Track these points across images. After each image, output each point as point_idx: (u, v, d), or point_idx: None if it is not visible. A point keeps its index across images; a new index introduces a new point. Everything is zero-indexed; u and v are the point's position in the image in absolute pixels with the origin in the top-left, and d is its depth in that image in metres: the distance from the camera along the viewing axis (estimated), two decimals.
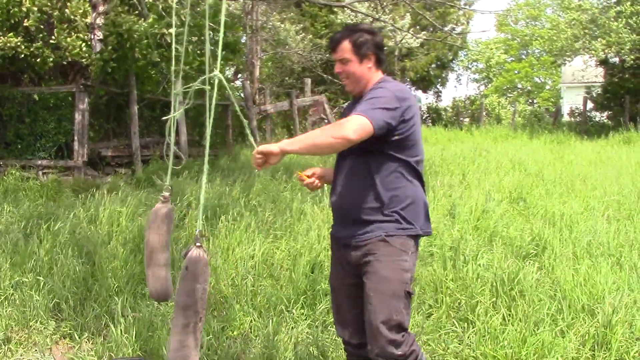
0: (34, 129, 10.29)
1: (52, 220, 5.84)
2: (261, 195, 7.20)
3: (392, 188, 2.63)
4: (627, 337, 3.62)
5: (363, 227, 2.65)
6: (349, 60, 2.68)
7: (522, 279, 4.31)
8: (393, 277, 2.59)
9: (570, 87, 35.01)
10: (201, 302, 2.15)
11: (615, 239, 5.59)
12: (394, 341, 2.59)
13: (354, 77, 2.72)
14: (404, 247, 2.62)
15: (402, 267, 2.61)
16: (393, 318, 2.59)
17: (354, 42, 2.67)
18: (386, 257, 2.60)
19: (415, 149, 2.68)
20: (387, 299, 2.59)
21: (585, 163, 10.98)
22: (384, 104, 2.52)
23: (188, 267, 2.16)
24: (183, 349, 2.13)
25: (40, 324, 4.05)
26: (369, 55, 2.69)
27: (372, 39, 2.69)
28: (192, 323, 2.15)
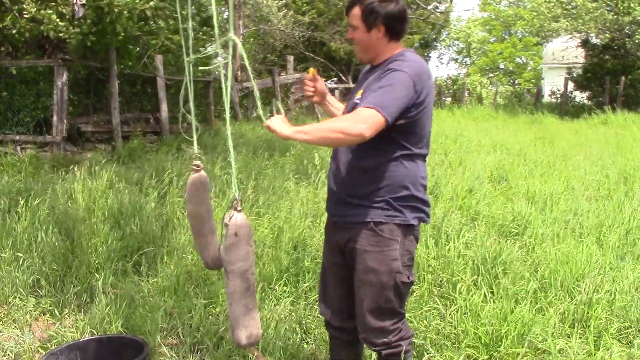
0: (12, 103, 10.09)
1: (31, 196, 5.76)
2: (243, 173, 7.16)
3: (388, 174, 2.50)
4: (607, 315, 3.68)
5: (351, 209, 2.56)
6: (357, 27, 2.53)
7: (504, 258, 4.35)
8: (381, 269, 2.51)
9: (552, 67, 35.21)
10: (254, 265, 2.19)
11: (595, 218, 5.66)
12: (382, 328, 2.57)
13: (360, 45, 2.57)
14: (392, 236, 2.51)
15: (390, 256, 2.51)
16: (382, 306, 2.55)
17: (363, 9, 2.50)
18: (373, 247, 2.51)
19: (423, 132, 2.55)
20: (376, 290, 2.53)
21: (565, 143, 11.08)
22: (400, 93, 2.37)
23: (237, 232, 2.15)
24: (250, 311, 2.16)
25: (19, 301, 4.01)
26: (378, 25, 2.50)
27: (384, 9, 2.48)
28: (252, 285, 2.18)
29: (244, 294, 2.17)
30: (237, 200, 2.19)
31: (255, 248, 4.75)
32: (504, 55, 46.84)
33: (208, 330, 3.58)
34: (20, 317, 3.82)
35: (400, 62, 2.46)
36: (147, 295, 4.02)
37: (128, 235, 4.96)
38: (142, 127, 11.60)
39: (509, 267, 4.27)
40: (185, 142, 9.66)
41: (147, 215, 5.33)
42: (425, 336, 3.47)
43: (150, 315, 3.65)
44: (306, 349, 3.41)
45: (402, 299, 2.60)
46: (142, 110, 12.39)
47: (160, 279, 4.26)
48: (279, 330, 3.53)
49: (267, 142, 9.34)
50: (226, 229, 2.18)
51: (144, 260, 4.60)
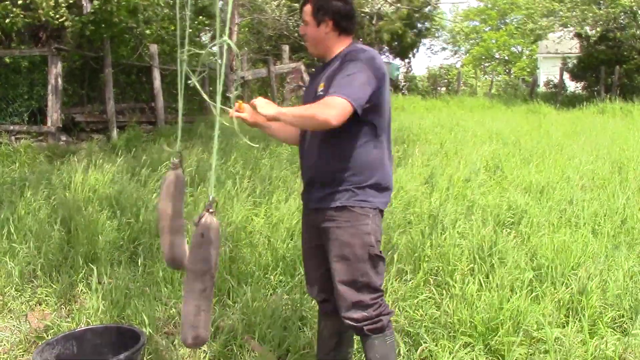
0: (5, 93, 10.03)
1: (26, 186, 5.73)
2: (239, 163, 7.14)
3: (356, 157, 2.61)
4: (601, 304, 3.70)
5: (324, 192, 2.66)
6: (308, 23, 2.69)
7: (499, 247, 4.36)
8: (354, 242, 2.61)
9: (547, 57, 35.16)
10: (215, 267, 2.19)
11: (589, 207, 5.67)
12: (359, 302, 2.64)
13: (310, 40, 2.73)
14: (364, 212, 2.62)
15: (363, 231, 2.61)
16: (359, 280, 2.63)
17: (313, 6, 2.67)
18: (346, 223, 2.62)
19: (382, 118, 2.65)
20: (351, 263, 2.62)
21: (560, 133, 11.08)
22: (365, 80, 2.50)
23: (203, 233, 2.16)
24: (201, 313, 2.17)
25: (15, 291, 4.00)
26: (326, 20, 2.66)
27: (332, 5, 2.65)
28: (208, 288, 2.18)
29: (198, 294, 2.18)
30: (211, 202, 2.20)
31: (253, 237, 4.75)
32: (498, 43, 46.74)
33: None
34: (16, 307, 3.82)
35: (357, 52, 2.60)
36: (143, 285, 4.01)
37: (124, 225, 4.95)
38: (137, 117, 11.56)
39: (504, 256, 4.28)
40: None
41: (143, 206, 5.32)
42: (421, 325, 3.48)
43: (146, 305, 3.65)
44: (302, 338, 3.41)
45: (378, 274, 2.68)
46: (137, 100, 12.34)
47: (156, 269, 4.26)
48: (275, 319, 3.54)
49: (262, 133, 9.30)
50: (195, 229, 2.20)
51: (140, 250, 4.60)
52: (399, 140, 9.72)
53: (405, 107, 18.36)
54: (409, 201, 5.77)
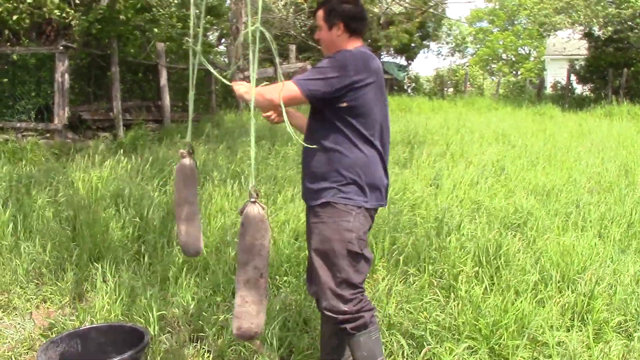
0: (13, 90, 10.06)
1: (32, 184, 5.75)
2: (245, 162, 7.14)
3: (339, 156, 2.70)
4: (607, 308, 3.68)
5: (312, 190, 2.77)
6: (321, 27, 2.81)
7: (505, 250, 4.34)
8: (334, 237, 2.69)
9: (554, 59, 35.02)
10: (259, 258, 2.17)
11: (596, 211, 5.65)
12: (341, 296, 2.70)
13: (324, 43, 2.85)
14: (347, 209, 2.70)
15: (344, 227, 2.69)
16: (337, 275, 2.70)
17: (325, 10, 2.79)
18: (329, 219, 2.71)
19: (371, 117, 2.71)
20: (329, 258, 2.70)
21: (567, 135, 11.05)
22: (321, 73, 2.62)
23: (244, 223, 2.17)
24: (245, 304, 2.17)
25: (20, 288, 4.01)
26: (337, 23, 2.77)
27: (342, 8, 2.77)
28: (253, 279, 2.17)
29: (243, 285, 2.18)
30: (252, 192, 2.20)
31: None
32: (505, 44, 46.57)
33: (208, 319, 3.59)
34: (20, 305, 3.83)
35: (343, 52, 2.72)
36: (148, 283, 4.02)
37: (129, 223, 4.95)
38: (143, 115, 11.57)
39: (510, 259, 4.26)
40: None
41: (148, 204, 5.32)
42: (425, 327, 3.47)
43: (151, 303, 3.65)
44: (306, 339, 3.41)
45: (357, 271, 2.74)
46: (143, 98, 12.35)
47: (160, 268, 4.26)
48: (279, 319, 3.53)
49: (270, 132, 9.31)
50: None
51: (144, 249, 4.60)
52: (405, 141, 9.70)
53: (411, 108, 18.31)
54: (414, 203, 5.76)
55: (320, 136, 2.73)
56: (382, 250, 4.44)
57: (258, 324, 2.19)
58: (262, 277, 2.19)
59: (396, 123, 12.36)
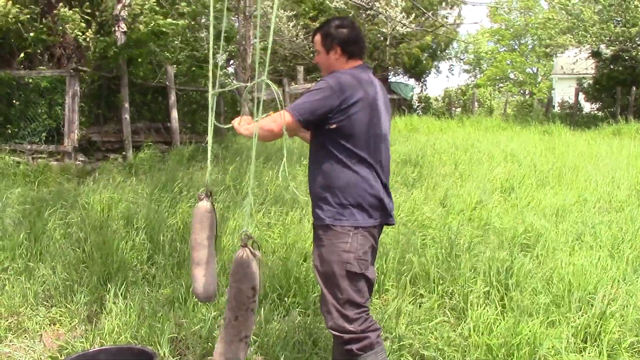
0: (25, 112, 10.17)
1: (43, 206, 5.78)
2: (254, 182, 7.16)
3: (333, 177, 2.77)
4: (620, 329, 3.63)
5: (314, 212, 2.85)
6: (319, 51, 2.91)
7: (515, 270, 4.31)
8: (332, 259, 2.74)
9: (562, 78, 35.04)
10: (235, 301, 2.24)
11: (608, 231, 5.61)
12: (345, 316, 2.74)
13: (322, 67, 2.95)
14: (344, 231, 2.75)
15: (342, 248, 2.73)
16: (339, 296, 2.75)
17: (322, 35, 2.89)
18: (328, 241, 2.76)
19: (361, 139, 2.75)
20: (330, 279, 2.76)
21: (576, 155, 11.01)
22: (313, 96, 2.71)
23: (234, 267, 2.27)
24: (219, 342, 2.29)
25: (30, 310, 4.02)
26: (334, 47, 2.86)
27: (338, 32, 2.85)
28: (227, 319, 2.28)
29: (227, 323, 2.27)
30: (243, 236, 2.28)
31: (266, 259, 4.74)
32: (514, 64, 46.66)
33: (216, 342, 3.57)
34: (30, 326, 3.83)
35: (334, 74, 2.80)
36: (157, 305, 4.01)
37: (139, 245, 4.96)
38: (152, 136, 11.64)
39: (520, 280, 4.23)
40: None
41: (158, 226, 5.34)
42: (436, 348, 3.44)
43: (160, 326, 3.65)
44: None
45: (358, 291, 2.77)
46: (152, 120, 12.43)
47: (169, 290, 4.26)
48: (289, 340, 3.52)
49: (280, 152, 9.33)
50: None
51: (154, 271, 4.60)
52: (413, 161, 9.70)
53: (419, 129, 18.33)
54: (423, 223, 5.74)
55: (317, 158, 2.83)
56: (392, 271, 4.43)
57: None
58: (236, 320, 2.26)
59: (404, 143, 12.38)
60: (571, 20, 21.35)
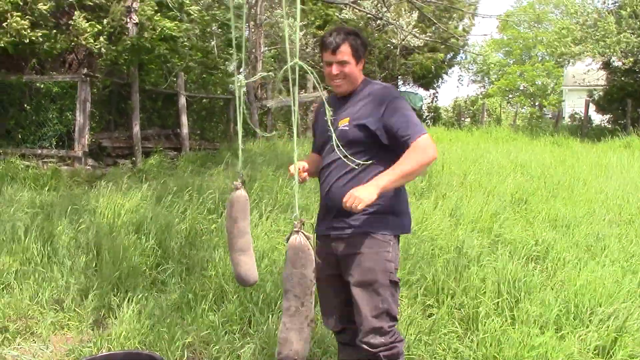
0: (37, 117, 10.24)
1: (53, 210, 5.80)
2: (264, 190, 7.16)
3: None
4: (633, 343, 3.60)
5: (347, 221, 2.75)
6: (348, 62, 2.79)
7: (526, 282, 4.29)
8: (377, 268, 2.69)
9: (572, 89, 34.97)
10: (299, 287, 2.22)
11: (619, 243, 5.57)
12: (379, 329, 2.70)
13: (350, 78, 2.82)
14: (385, 239, 2.72)
15: (385, 257, 2.71)
16: (379, 306, 2.70)
17: (351, 45, 2.79)
18: (368, 249, 2.70)
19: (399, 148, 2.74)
20: (373, 289, 2.70)
21: (586, 167, 10.95)
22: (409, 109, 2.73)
23: (287, 252, 2.25)
24: (286, 331, 2.23)
25: (39, 314, 4.02)
26: (362, 58, 2.85)
27: (364, 42, 2.85)
28: (293, 307, 2.23)
29: (285, 312, 2.26)
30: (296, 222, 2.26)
31: (274, 268, 4.72)
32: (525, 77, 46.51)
33: (225, 348, 3.57)
34: (39, 330, 3.84)
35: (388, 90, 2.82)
36: (166, 311, 4.01)
37: (149, 250, 4.97)
38: (162, 143, 11.69)
39: (531, 292, 4.21)
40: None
41: (168, 232, 5.35)
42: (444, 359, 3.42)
43: (168, 331, 3.64)
44: None
45: (395, 301, 2.77)
46: (163, 126, 12.49)
47: (179, 296, 4.26)
48: None
49: (289, 160, 9.33)
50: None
51: (164, 277, 4.61)
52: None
53: None
54: (433, 234, 5.72)
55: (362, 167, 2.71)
56: (403, 282, 4.41)
57: (297, 351, 2.23)
58: (303, 306, 2.23)
59: None
60: (585, 30, 21.26)
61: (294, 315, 2.23)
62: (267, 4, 18.82)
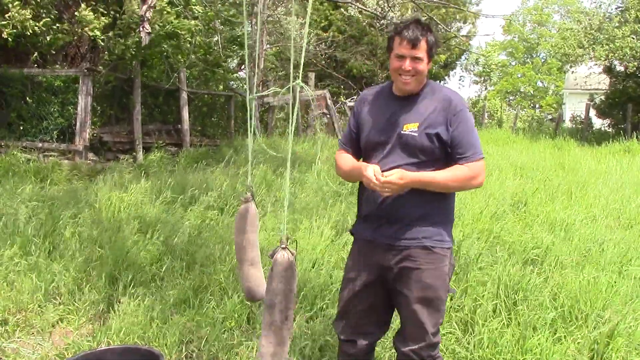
0: (38, 111, 10.25)
1: (53, 204, 5.82)
2: (263, 188, 7.17)
3: (443, 196, 2.65)
4: (627, 346, 3.62)
5: (404, 231, 2.63)
6: (422, 59, 2.60)
7: (524, 285, 4.30)
8: (438, 284, 2.62)
9: (573, 93, 34.98)
10: (285, 301, 2.22)
11: (616, 247, 5.59)
12: (436, 344, 2.69)
13: (421, 76, 2.63)
14: (443, 253, 2.64)
15: (445, 272, 2.64)
16: (438, 322, 2.69)
17: (428, 41, 2.60)
18: (429, 265, 2.61)
19: None
20: (435, 305, 2.64)
21: (586, 170, 10.97)
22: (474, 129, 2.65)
23: (272, 268, 2.24)
24: (269, 345, 2.23)
25: (38, 307, 4.04)
26: (433, 57, 2.66)
27: (437, 41, 2.66)
28: (277, 322, 2.23)
29: (267, 327, 2.24)
30: (283, 239, 2.25)
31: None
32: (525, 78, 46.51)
33: (224, 345, 3.59)
34: (38, 324, 3.85)
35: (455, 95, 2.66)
36: (165, 307, 4.03)
37: (151, 246, 4.99)
38: (163, 138, 11.71)
39: (528, 294, 4.22)
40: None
41: (170, 227, 5.37)
42: None
43: (167, 327, 3.66)
44: None
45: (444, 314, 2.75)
46: (164, 122, 12.51)
47: (178, 292, 4.28)
48: (294, 348, 3.52)
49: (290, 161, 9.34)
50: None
51: (163, 272, 4.62)
52: None
53: None
54: None
55: None
56: None
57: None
58: (286, 320, 2.24)
59: None
60: (589, 33, 21.26)
61: (277, 330, 2.23)
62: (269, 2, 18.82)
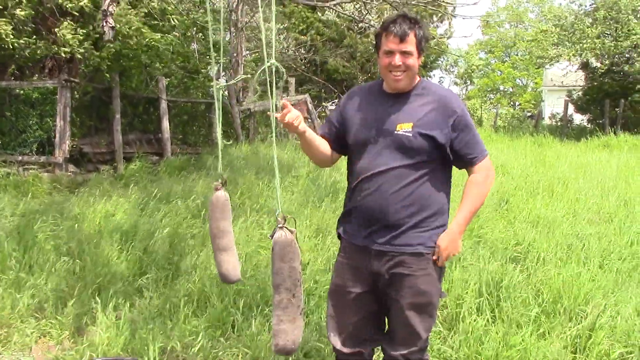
0: (16, 124, 10.15)
1: (33, 217, 5.76)
2: (246, 194, 7.16)
3: (439, 201, 2.62)
4: (609, 340, 3.66)
5: (396, 236, 2.57)
6: (412, 53, 2.52)
7: (507, 282, 4.33)
8: (431, 290, 2.60)
9: (552, 90, 35.32)
10: (290, 279, 2.23)
11: (597, 242, 5.65)
12: (425, 347, 2.71)
13: (412, 71, 2.55)
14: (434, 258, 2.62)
15: (436, 278, 2.62)
16: (431, 327, 2.69)
17: (416, 35, 2.51)
18: (422, 271, 2.57)
19: None
20: (427, 311, 2.62)
21: (566, 166, 11.08)
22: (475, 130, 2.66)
23: (274, 247, 2.25)
24: (280, 323, 2.25)
25: (20, 323, 3.99)
26: (424, 51, 2.58)
27: (426, 35, 2.56)
28: (285, 300, 2.24)
29: (277, 305, 2.26)
30: (279, 218, 2.26)
31: (256, 272, 4.72)
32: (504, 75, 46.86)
33: (209, 354, 3.57)
34: (20, 339, 3.81)
35: (451, 94, 2.67)
36: (148, 317, 4.00)
37: (132, 257, 4.95)
38: (144, 148, 11.63)
39: (511, 291, 4.25)
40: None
41: (151, 237, 5.33)
42: None
43: (151, 337, 3.64)
44: None
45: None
46: (144, 131, 12.43)
47: (162, 302, 4.25)
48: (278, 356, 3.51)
49: (270, 165, 9.34)
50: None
51: (146, 283, 4.59)
52: None
53: None
54: None
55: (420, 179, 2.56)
56: None
57: (294, 340, 2.26)
58: (294, 297, 2.25)
59: None
60: (562, 33, 21.56)
61: (287, 307, 2.25)
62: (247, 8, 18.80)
